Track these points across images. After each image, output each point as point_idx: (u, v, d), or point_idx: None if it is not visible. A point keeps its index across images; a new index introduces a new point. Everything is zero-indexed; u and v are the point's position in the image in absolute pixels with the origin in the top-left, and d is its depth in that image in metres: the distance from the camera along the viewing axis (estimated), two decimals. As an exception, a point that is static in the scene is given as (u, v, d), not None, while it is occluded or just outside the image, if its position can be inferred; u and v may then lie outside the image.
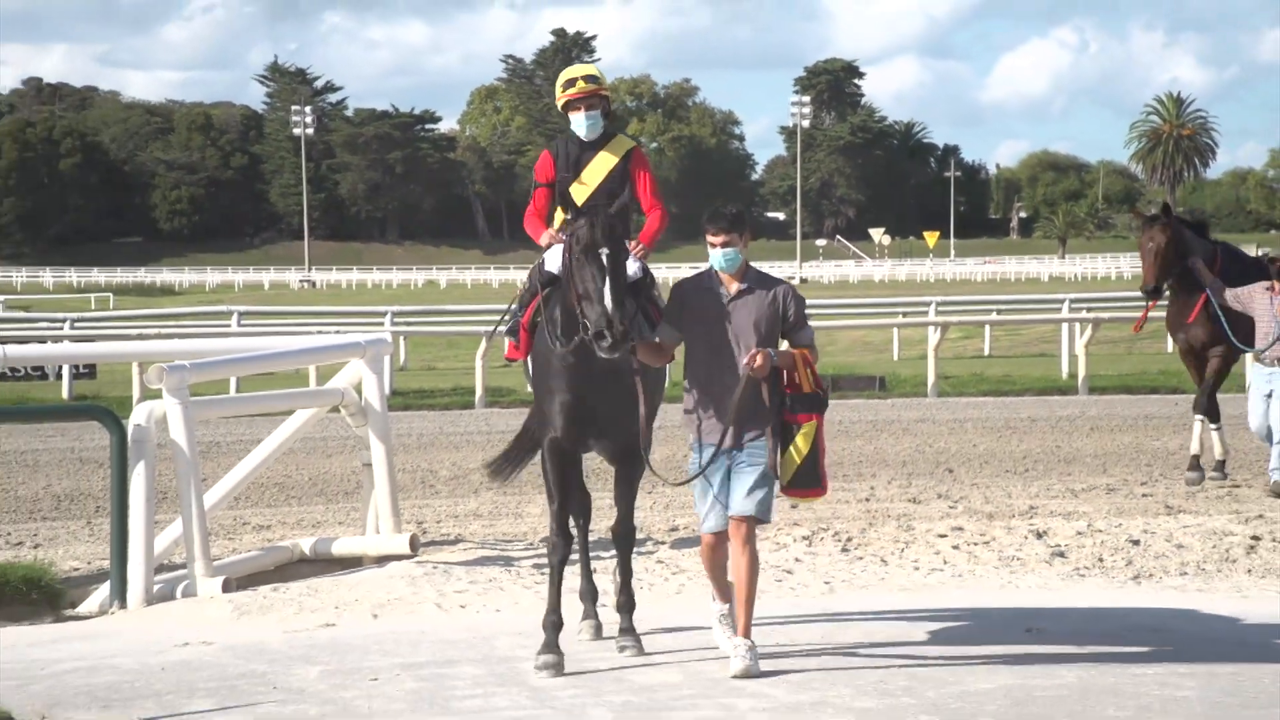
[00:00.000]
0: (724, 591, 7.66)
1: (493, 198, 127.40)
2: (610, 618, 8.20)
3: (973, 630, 8.27)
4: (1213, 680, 7.23)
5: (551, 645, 7.52)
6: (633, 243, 8.02)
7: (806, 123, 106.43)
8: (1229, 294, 12.92)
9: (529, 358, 7.99)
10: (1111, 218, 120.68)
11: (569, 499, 7.93)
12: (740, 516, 7.29)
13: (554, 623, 7.61)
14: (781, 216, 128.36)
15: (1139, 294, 14.80)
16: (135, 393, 21.23)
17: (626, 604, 8.03)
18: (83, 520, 13.22)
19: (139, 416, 9.98)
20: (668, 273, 73.20)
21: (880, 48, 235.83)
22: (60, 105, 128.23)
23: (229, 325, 30.81)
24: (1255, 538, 11.17)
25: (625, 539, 8.04)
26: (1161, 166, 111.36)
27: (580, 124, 8.21)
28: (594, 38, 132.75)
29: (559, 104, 8.32)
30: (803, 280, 78.57)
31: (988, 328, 33.58)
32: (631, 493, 8.00)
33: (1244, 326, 12.99)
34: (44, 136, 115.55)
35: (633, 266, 7.87)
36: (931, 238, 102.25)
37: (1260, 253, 13.87)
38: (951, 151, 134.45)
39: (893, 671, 7.35)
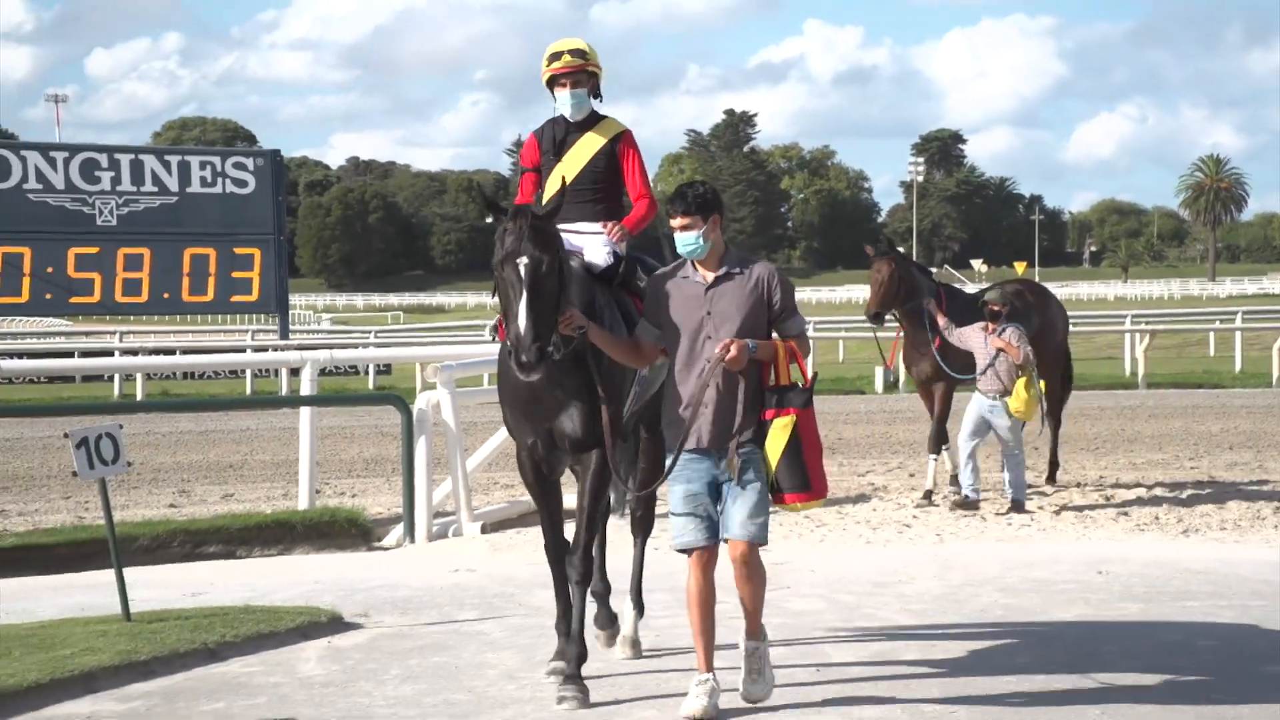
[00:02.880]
0: (708, 651, 5.07)
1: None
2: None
3: (1054, 572, 8.04)
4: (1246, 610, 6.95)
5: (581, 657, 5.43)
6: (611, 225, 5.81)
7: (920, 178, 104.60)
8: (954, 333, 10.70)
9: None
10: (1164, 251, 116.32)
11: (557, 518, 5.62)
12: (740, 542, 5.01)
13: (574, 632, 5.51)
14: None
15: (1188, 310, 14.00)
16: (418, 385, 21.68)
17: (576, 653, 5.39)
18: (383, 478, 13.54)
19: (421, 403, 10.19)
20: (810, 294, 72.68)
21: (980, 119, 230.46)
22: (370, 176, 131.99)
23: (483, 335, 31.27)
24: (1282, 502, 10.77)
25: (581, 572, 5.45)
26: (1204, 211, 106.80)
27: (565, 102, 5.86)
28: (756, 115, 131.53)
29: (543, 79, 5.92)
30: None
31: (1065, 336, 32.58)
32: (591, 516, 5.48)
33: (964, 357, 10.68)
34: (359, 199, 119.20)
35: (603, 253, 5.71)
36: (1020, 267, 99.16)
37: (977, 288, 11.41)
38: (1036, 199, 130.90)
39: (991, 603, 7.18)
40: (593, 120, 5.94)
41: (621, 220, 5.87)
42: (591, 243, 5.75)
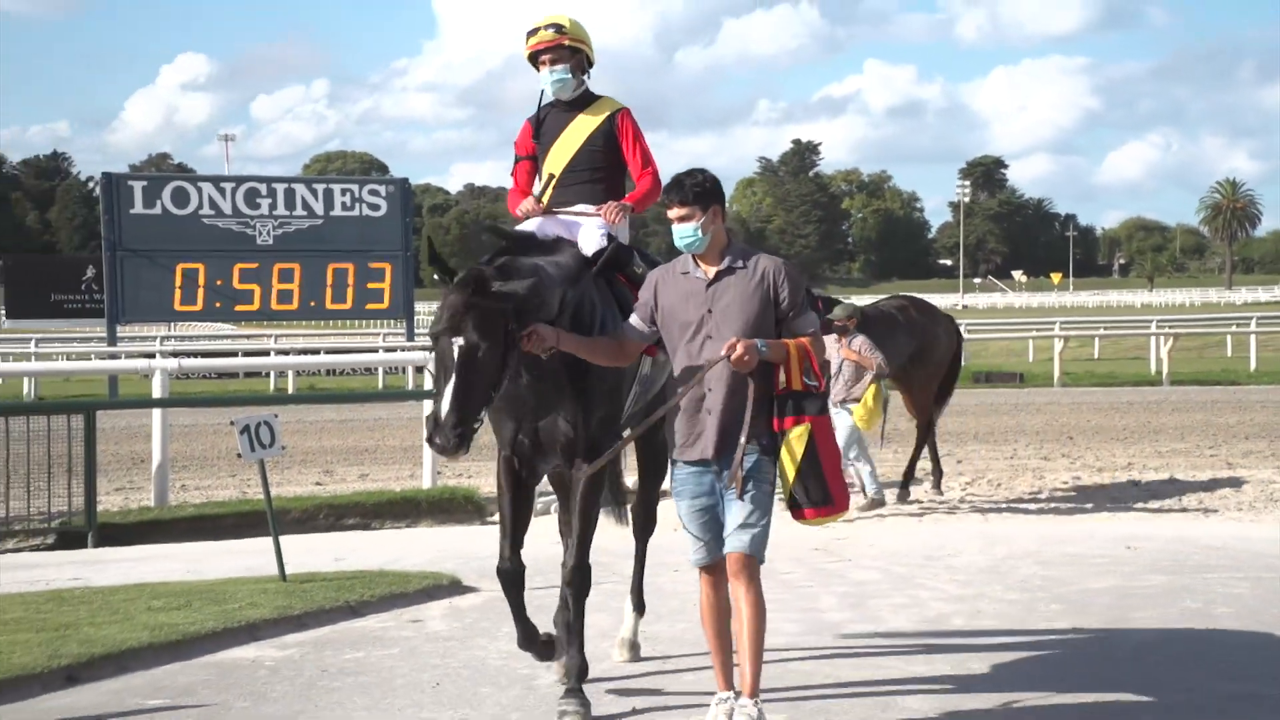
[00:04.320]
0: (726, 667, 4.14)
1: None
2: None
3: (1088, 547, 7.88)
4: (1260, 582, 6.77)
5: (575, 670, 4.57)
6: (611, 205, 4.85)
7: (967, 199, 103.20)
8: None
9: None
10: (1186, 264, 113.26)
11: (519, 534, 4.66)
12: (733, 554, 4.05)
13: (543, 642, 4.77)
14: (949, 263, 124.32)
15: (1208, 315, 13.53)
16: (527, 381, 21.81)
17: (575, 664, 4.57)
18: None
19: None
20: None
21: (1021, 147, 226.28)
22: (484, 199, 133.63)
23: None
24: (1296, 487, 10.43)
25: (577, 581, 4.56)
26: (1222, 228, 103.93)
27: (546, 80, 4.93)
28: (820, 143, 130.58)
29: (525, 57, 4.98)
30: (964, 307, 75.55)
31: (1097, 339, 31.91)
32: (586, 522, 4.55)
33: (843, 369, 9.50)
34: (474, 219, 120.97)
35: (597, 235, 4.74)
36: (1056, 277, 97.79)
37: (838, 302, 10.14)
38: (1071, 218, 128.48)
39: (1031, 574, 7.05)
40: (586, 100, 4.99)
41: (624, 198, 4.93)
42: (586, 226, 4.82)
